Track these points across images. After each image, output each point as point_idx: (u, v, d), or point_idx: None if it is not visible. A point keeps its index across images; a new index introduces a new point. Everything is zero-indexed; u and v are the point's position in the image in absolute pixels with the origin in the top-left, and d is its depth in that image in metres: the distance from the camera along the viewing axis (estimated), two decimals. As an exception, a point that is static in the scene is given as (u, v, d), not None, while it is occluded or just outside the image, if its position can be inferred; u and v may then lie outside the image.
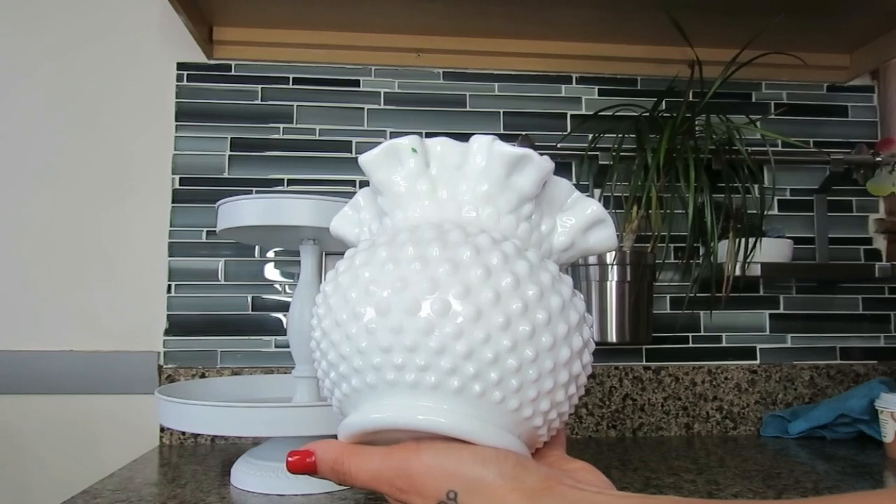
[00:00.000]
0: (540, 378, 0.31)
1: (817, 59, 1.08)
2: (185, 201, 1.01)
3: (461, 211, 0.34)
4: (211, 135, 1.02)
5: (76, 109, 1.01)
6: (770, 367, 1.06)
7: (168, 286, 0.99)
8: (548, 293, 0.31)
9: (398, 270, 0.31)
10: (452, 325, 0.29)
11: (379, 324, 0.30)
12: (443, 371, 0.30)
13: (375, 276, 0.31)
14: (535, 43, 1.06)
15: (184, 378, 0.97)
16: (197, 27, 0.95)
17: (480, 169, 0.34)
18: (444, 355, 0.30)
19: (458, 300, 0.30)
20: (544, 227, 0.35)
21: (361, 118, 1.05)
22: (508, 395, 0.30)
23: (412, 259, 0.31)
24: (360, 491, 0.71)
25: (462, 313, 0.30)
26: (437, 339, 0.29)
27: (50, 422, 0.96)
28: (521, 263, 0.31)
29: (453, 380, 0.30)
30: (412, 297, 0.30)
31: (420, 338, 0.30)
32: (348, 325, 0.32)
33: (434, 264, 0.31)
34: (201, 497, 0.69)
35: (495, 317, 0.30)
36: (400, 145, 0.35)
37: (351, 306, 0.32)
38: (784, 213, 1.10)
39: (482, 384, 0.30)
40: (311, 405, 0.70)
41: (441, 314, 0.30)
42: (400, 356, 0.30)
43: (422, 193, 0.35)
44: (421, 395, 0.30)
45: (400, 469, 0.31)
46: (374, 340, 0.30)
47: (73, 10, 1.02)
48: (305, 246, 0.79)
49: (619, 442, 0.98)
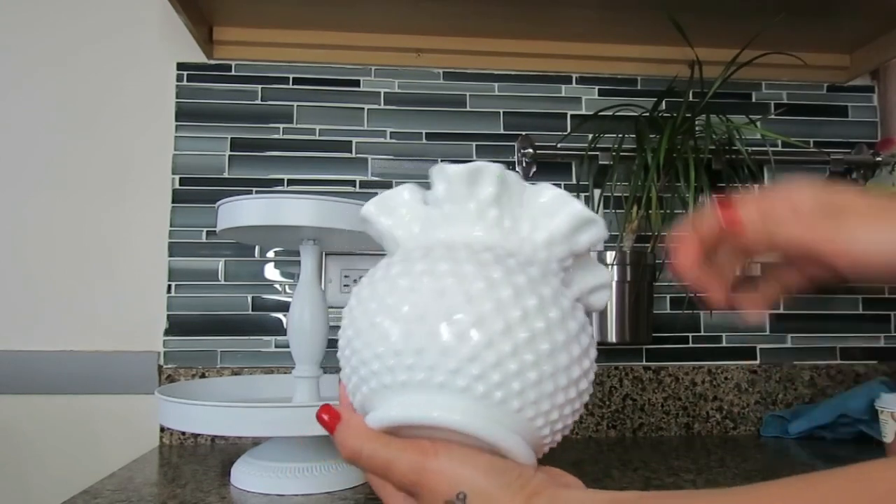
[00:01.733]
0: (554, 391, 0.34)
1: (817, 59, 1.08)
2: (185, 201, 1.01)
3: (522, 245, 0.36)
4: (211, 135, 1.02)
5: (76, 109, 1.01)
6: (770, 367, 1.06)
7: (168, 286, 0.99)
8: (567, 317, 0.34)
9: (435, 283, 0.33)
10: (484, 336, 0.32)
11: (416, 329, 0.33)
12: (471, 377, 0.32)
13: (412, 285, 0.34)
14: (535, 43, 1.06)
15: (184, 378, 0.97)
16: (197, 27, 0.95)
17: (550, 216, 0.36)
18: (475, 363, 0.32)
19: (489, 315, 0.32)
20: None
21: (361, 118, 1.05)
22: (526, 405, 0.33)
23: (446, 274, 0.33)
24: (360, 491, 0.71)
25: (492, 328, 0.32)
26: (469, 348, 0.32)
27: (50, 422, 0.96)
28: (544, 288, 0.34)
29: (479, 385, 0.32)
30: (448, 307, 0.33)
31: (454, 344, 0.32)
32: (382, 329, 0.34)
33: (468, 281, 0.33)
34: (201, 497, 0.69)
35: (521, 333, 0.32)
36: (488, 169, 0.36)
37: (385, 312, 0.34)
38: (784, 213, 1.10)
39: (503, 392, 0.32)
40: (311, 405, 0.70)
41: (474, 325, 0.32)
42: (432, 359, 0.32)
43: (486, 219, 0.36)
44: (442, 394, 0.33)
45: (415, 464, 0.33)
46: (410, 343, 0.33)
47: (73, 11, 1.02)
48: (305, 246, 0.79)
49: (619, 442, 0.98)
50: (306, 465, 0.71)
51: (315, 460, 0.72)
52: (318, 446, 0.73)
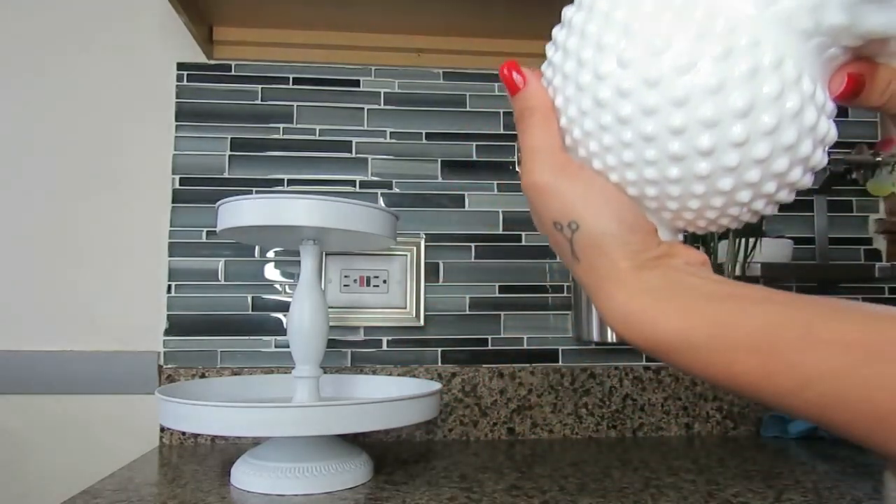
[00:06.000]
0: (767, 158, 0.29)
1: (817, 59, 1.08)
2: (185, 201, 1.01)
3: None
4: (211, 135, 1.02)
5: (76, 109, 1.01)
6: (770, 367, 1.06)
7: (168, 286, 0.99)
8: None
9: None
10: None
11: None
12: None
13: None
14: (535, 43, 1.06)
15: (184, 378, 0.97)
16: (197, 27, 0.95)
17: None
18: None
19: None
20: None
21: (361, 118, 1.05)
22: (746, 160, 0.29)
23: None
24: (359, 491, 0.71)
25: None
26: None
27: (50, 422, 0.96)
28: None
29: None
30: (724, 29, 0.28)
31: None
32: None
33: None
34: (201, 497, 0.69)
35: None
36: None
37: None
38: (784, 213, 1.10)
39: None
40: (311, 405, 0.70)
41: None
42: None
43: None
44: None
45: (559, 166, 0.32)
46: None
47: (73, 11, 1.02)
48: (305, 246, 0.79)
49: (619, 442, 0.98)
50: (306, 465, 0.71)
51: (315, 460, 0.72)
52: (318, 446, 0.73)
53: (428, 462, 0.84)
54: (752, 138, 0.29)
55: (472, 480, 0.75)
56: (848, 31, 0.28)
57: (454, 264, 1.03)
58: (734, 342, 0.28)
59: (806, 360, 0.26)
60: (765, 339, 0.27)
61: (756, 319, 0.28)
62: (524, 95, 0.35)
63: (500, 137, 1.07)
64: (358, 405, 0.68)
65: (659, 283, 0.31)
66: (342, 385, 0.91)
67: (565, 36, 0.33)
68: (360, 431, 0.70)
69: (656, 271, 0.31)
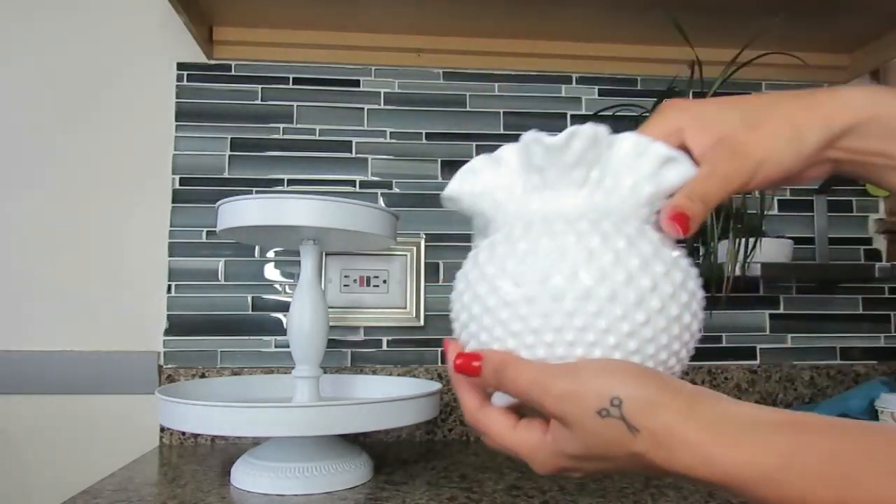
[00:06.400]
0: (669, 340, 0.35)
1: (817, 59, 1.08)
2: (185, 201, 1.01)
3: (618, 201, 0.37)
4: (211, 135, 1.02)
5: (76, 109, 1.01)
6: (770, 367, 1.06)
7: (168, 286, 0.99)
8: (672, 268, 0.36)
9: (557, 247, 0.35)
10: (596, 298, 0.34)
11: (541, 293, 0.34)
12: (600, 330, 0.34)
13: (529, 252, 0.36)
14: (535, 43, 1.06)
15: (184, 378, 0.97)
16: (197, 27, 0.95)
17: (634, 163, 0.37)
18: (601, 318, 0.34)
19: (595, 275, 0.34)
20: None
21: (361, 118, 1.05)
22: (643, 343, 0.34)
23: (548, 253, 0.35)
24: (359, 491, 0.71)
25: (599, 294, 0.34)
26: (595, 305, 0.34)
27: (50, 422, 0.96)
28: (644, 245, 0.35)
29: (589, 335, 0.34)
30: (570, 269, 0.34)
31: (579, 305, 0.34)
32: (503, 291, 0.35)
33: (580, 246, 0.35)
34: (201, 497, 0.69)
35: (630, 293, 0.34)
36: (601, 133, 0.36)
37: (511, 279, 0.35)
38: (784, 213, 1.10)
39: (616, 336, 0.34)
40: (311, 405, 0.70)
41: (596, 281, 0.34)
42: (559, 321, 0.34)
43: (589, 182, 0.37)
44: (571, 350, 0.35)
45: (566, 372, 0.33)
46: (533, 307, 0.34)
47: (73, 11, 1.02)
48: (305, 246, 0.79)
49: (619, 442, 0.98)
50: (306, 465, 0.71)
51: (315, 460, 0.72)
52: (318, 446, 0.73)
53: (428, 462, 0.84)
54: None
55: (472, 480, 0.75)
56: (658, 196, 0.36)
57: (454, 264, 1.03)
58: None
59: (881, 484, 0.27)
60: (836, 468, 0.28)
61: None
62: (486, 364, 0.37)
63: (500, 137, 1.07)
64: (358, 405, 0.68)
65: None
66: (342, 385, 0.91)
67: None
68: (360, 431, 0.70)
69: (705, 404, 0.32)
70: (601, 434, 0.32)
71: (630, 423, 0.31)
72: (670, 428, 0.31)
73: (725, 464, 0.30)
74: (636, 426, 0.31)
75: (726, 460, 0.30)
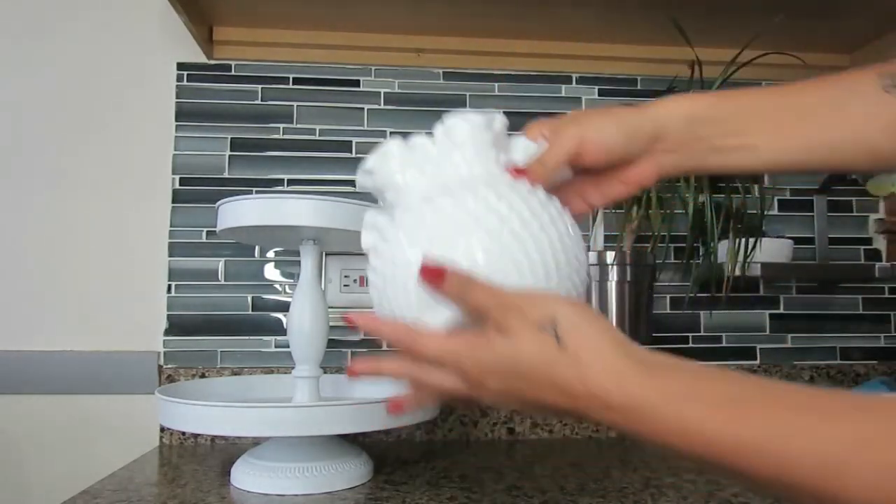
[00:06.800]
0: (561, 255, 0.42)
1: (817, 59, 1.08)
2: (185, 201, 1.01)
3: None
4: (211, 135, 1.02)
5: (76, 109, 1.01)
6: (770, 367, 1.06)
7: (168, 286, 0.99)
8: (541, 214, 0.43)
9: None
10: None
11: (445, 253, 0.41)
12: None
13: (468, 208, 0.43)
14: (535, 43, 1.06)
15: (184, 378, 0.97)
16: (197, 27, 0.95)
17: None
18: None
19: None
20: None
21: (361, 118, 1.05)
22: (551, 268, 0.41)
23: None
24: (359, 491, 0.71)
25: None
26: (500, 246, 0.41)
27: (50, 422, 0.96)
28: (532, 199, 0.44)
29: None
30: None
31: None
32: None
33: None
34: (201, 497, 0.69)
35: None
36: (499, 117, 0.50)
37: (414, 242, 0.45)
38: (784, 213, 1.10)
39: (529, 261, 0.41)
40: (311, 405, 0.70)
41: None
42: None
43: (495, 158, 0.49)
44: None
45: (517, 293, 0.38)
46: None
47: (74, 11, 1.02)
48: (305, 246, 0.79)
49: (619, 442, 0.98)
50: (306, 465, 0.71)
51: (315, 460, 0.72)
52: (318, 446, 0.73)
53: (428, 462, 0.84)
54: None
55: (472, 480, 0.75)
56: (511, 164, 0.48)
57: (454, 264, 1.03)
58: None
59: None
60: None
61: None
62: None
63: (500, 137, 1.06)
64: (358, 405, 0.68)
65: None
66: (342, 385, 0.91)
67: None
68: (360, 431, 0.70)
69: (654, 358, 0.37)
70: (531, 347, 0.36)
71: (561, 338, 0.35)
72: (595, 349, 0.35)
73: (634, 384, 0.33)
74: (566, 343, 0.35)
75: (639, 381, 0.33)
